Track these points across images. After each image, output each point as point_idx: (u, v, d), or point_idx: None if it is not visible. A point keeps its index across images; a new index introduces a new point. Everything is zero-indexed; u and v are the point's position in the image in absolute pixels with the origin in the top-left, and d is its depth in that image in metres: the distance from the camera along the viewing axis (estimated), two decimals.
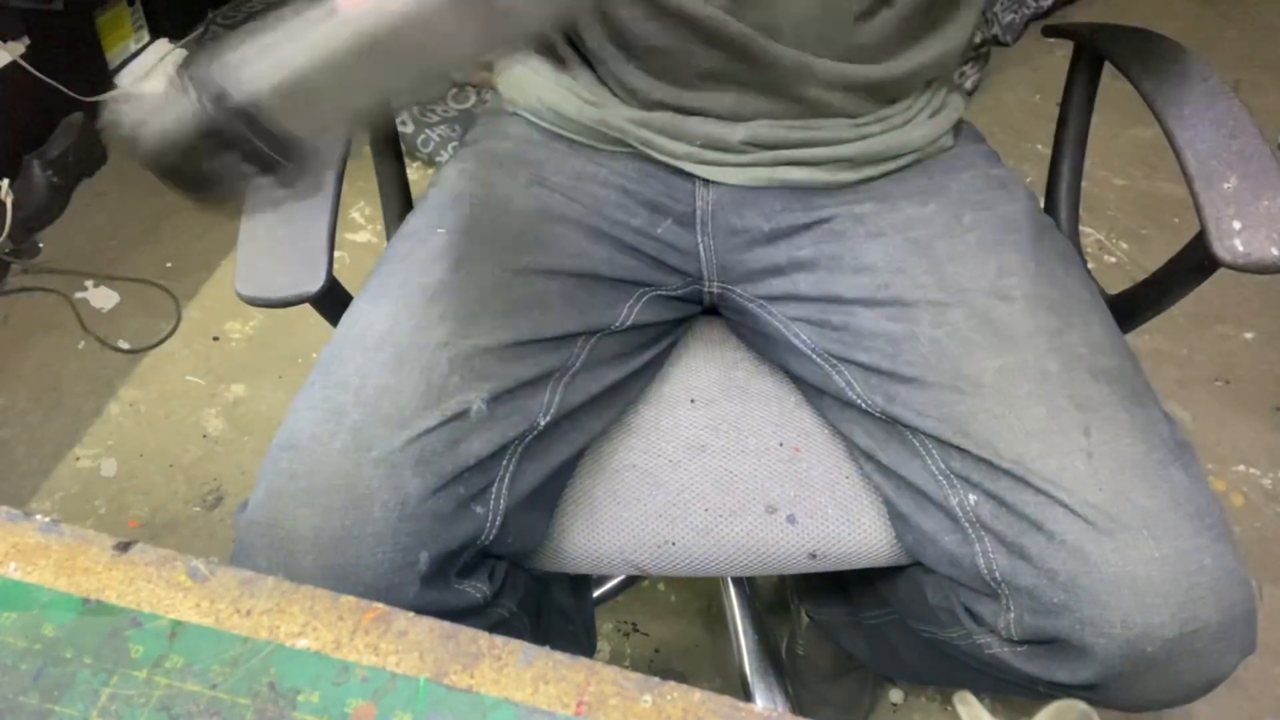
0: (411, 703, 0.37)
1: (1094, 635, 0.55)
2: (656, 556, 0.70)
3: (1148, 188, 1.83)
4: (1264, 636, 1.18)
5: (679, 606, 1.23)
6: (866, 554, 0.70)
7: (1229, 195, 0.64)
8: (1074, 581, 0.55)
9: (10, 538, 0.42)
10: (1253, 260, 0.62)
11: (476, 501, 0.60)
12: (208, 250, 1.71)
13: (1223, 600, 0.54)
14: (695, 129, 0.71)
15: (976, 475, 0.61)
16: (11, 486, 1.34)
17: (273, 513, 0.56)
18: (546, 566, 0.72)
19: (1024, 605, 0.59)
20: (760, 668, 0.98)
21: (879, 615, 0.85)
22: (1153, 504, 0.55)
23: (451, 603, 0.61)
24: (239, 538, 0.57)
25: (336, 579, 0.55)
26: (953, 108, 0.76)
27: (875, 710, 1.13)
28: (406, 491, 0.56)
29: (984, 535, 0.60)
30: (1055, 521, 0.56)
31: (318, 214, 0.65)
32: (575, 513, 0.71)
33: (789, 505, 0.70)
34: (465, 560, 0.61)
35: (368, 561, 0.55)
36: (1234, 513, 1.30)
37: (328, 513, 0.55)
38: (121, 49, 2.05)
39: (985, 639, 0.63)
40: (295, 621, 0.39)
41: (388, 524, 0.56)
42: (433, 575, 0.58)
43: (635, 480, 0.71)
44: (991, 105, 1.98)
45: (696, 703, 0.36)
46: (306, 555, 0.55)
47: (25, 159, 1.74)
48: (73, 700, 0.37)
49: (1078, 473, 0.57)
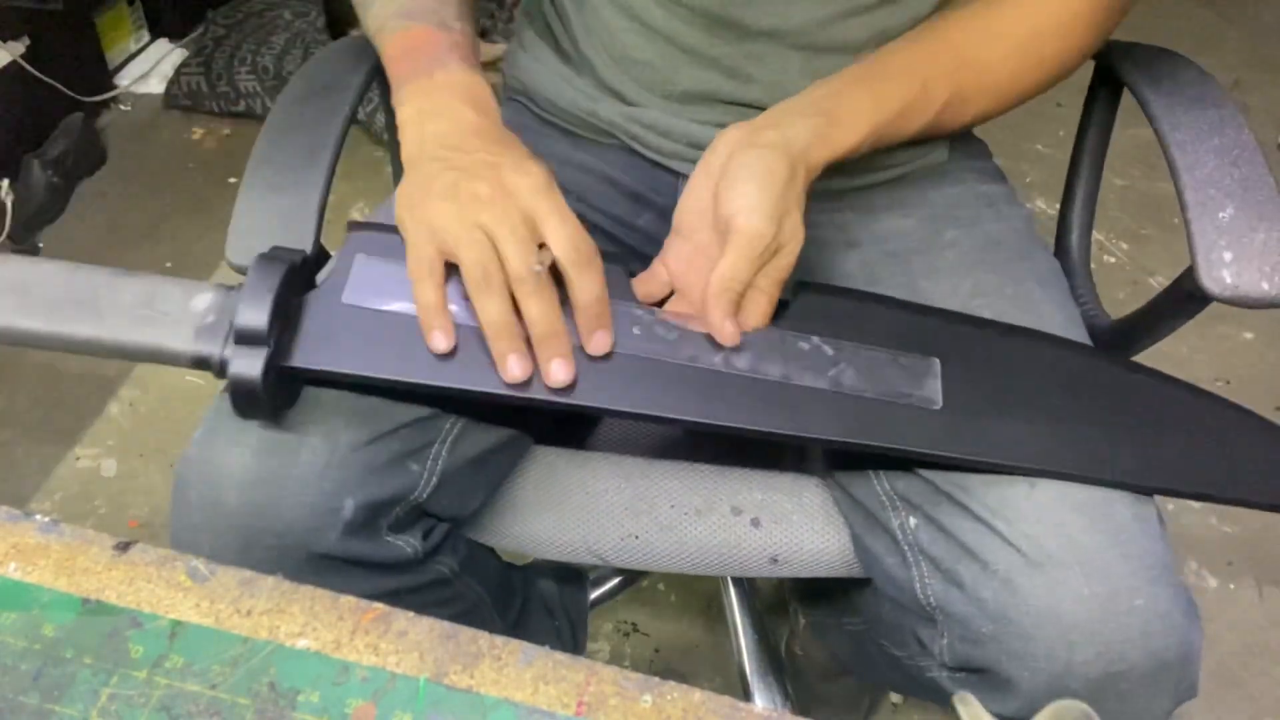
0: (411, 703, 0.37)
1: (1019, 668, 0.54)
2: (619, 549, 0.70)
3: (1147, 188, 1.83)
4: (1264, 637, 1.19)
5: (679, 606, 1.23)
6: (827, 564, 0.70)
7: (1223, 225, 0.63)
8: (1002, 613, 0.55)
9: (10, 538, 0.42)
10: (1240, 294, 0.60)
11: (413, 458, 0.60)
12: (208, 250, 1.71)
13: (1152, 643, 0.53)
14: (682, 129, 0.72)
15: (918, 498, 0.61)
16: (11, 486, 1.34)
17: (207, 451, 0.57)
18: (506, 546, 0.72)
19: (956, 633, 0.58)
20: (760, 668, 0.98)
21: (855, 623, 0.86)
22: (1089, 540, 0.54)
23: (380, 554, 0.61)
24: (176, 475, 0.58)
25: (257, 516, 0.55)
26: None
27: (875, 710, 1.13)
28: (338, 439, 0.56)
29: (921, 560, 0.60)
30: (990, 551, 0.56)
31: (310, 186, 0.66)
32: (542, 499, 0.71)
33: (755, 509, 0.70)
34: (398, 514, 0.61)
35: (290, 502, 0.55)
36: (1234, 513, 1.30)
37: (256, 453, 0.56)
38: (121, 49, 2.06)
39: (925, 661, 0.63)
40: (295, 621, 0.39)
41: (313, 468, 0.56)
42: (358, 525, 0.58)
43: (605, 471, 0.72)
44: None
45: (696, 703, 0.36)
46: (231, 491, 0.56)
47: (25, 159, 1.74)
48: (73, 700, 0.37)
49: (1018, 503, 0.56)
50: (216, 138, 1.98)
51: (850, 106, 0.61)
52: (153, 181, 1.87)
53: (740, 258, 0.55)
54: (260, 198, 0.66)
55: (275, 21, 2.07)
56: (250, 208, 0.65)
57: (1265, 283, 0.60)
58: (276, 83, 1.95)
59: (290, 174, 0.66)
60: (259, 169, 0.67)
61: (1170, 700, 0.55)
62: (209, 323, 0.53)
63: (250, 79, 1.96)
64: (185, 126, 2.01)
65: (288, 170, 0.67)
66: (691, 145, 0.72)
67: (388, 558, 0.61)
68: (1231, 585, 1.24)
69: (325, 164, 0.67)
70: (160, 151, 1.95)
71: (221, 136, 1.99)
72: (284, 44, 2.00)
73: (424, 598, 0.66)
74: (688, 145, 0.72)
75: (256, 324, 0.50)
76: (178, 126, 2.01)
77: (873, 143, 0.62)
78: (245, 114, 1.98)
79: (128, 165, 1.91)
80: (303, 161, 0.67)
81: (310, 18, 2.08)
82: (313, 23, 2.06)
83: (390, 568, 0.62)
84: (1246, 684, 1.14)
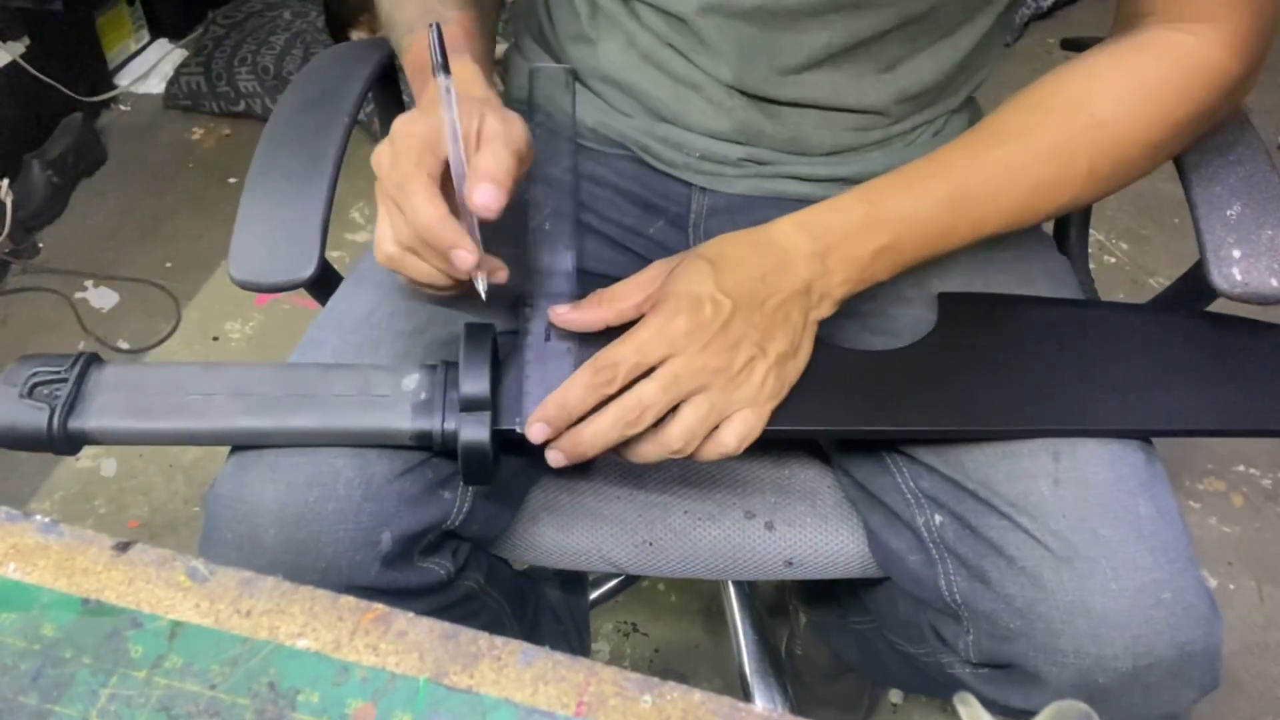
0: (411, 703, 0.37)
1: (1047, 663, 0.54)
2: (634, 555, 0.70)
3: (1148, 188, 1.83)
4: (1264, 637, 1.19)
5: (679, 606, 1.23)
6: (843, 565, 0.70)
7: (1231, 223, 0.63)
8: (1030, 608, 0.55)
9: (10, 538, 0.42)
10: (1250, 290, 0.61)
11: (445, 487, 0.60)
12: (207, 250, 1.71)
13: (1179, 636, 0.53)
14: (694, 143, 0.71)
15: (943, 495, 0.61)
16: (11, 486, 1.34)
17: (239, 486, 0.56)
18: (525, 559, 0.72)
19: (982, 629, 0.58)
20: (760, 668, 0.98)
21: (863, 621, 0.85)
22: (1115, 534, 0.55)
23: (414, 581, 0.61)
24: (207, 511, 0.57)
25: (297, 554, 0.55)
26: (955, 128, 0.75)
27: (875, 710, 1.13)
28: (372, 471, 0.56)
29: (947, 557, 0.60)
30: (1016, 547, 0.56)
31: (312, 201, 0.65)
32: (555, 507, 0.71)
33: (768, 512, 0.70)
34: (430, 540, 0.61)
35: (329, 538, 0.55)
36: (1234, 513, 1.30)
37: (292, 488, 0.55)
38: (121, 49, 2.06)
39: (948, 658, 0.63)
40: (295, 622, 0.39)
41: (351, 501, 0.55)
42: (395, 556, 0.58)
43: (617, 478, 0.72)
44: (988, 104, 1.98)
45: (696, 703, 0.36)
46: (269, 529, 0.55)
47: (25, 159, 1.74)
48: (72, 700, 0.37)
49: (1042, 498, 0.56)
50: (216, 138, 1.98)
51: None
52: (153, 181, 1.87)
53: (652, 331, 0.53)
54: (263, 213, 0.66)
55: (275, 21, 2.07)
56: (252, 223, 0.65)
57: (1275, 279, 0.61)
58: (276, 83, 1.95)
59: (292, 187, 0.66)
60: (259, 182, 0.67)
61: (1195, 691, 0.55)
62: (423, 400, 0.55)
63: (250, 79, 1.96)
64: (185, 126, 2.01)
65: (289, 183, 0.66)
66: (705, 158, 0.72)
67: (422, 583, 0.61)
68: (1231, 585, 1.24)
69: (327, 177, 0.66)
70: (160, 151, 1.95)
71: (221, 136, 1.99)
72: (284, 44, 2.00)
73: (452, 614, 0.67)
74: (701, 158, 0.72)
75: (480, 392, 0.53)
76: (178, 126, 2.01)
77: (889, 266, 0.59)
78: (245, 114, 1.98)
79: (128, 165, 1.91)
80: (304, 174, 0.67)
81: (310, 18, 2.08)
82: (313, 23, 2.06)
83: (423, 592, 0.62)
84: (1246, 684, 1.14)
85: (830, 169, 0.71)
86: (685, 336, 0.52)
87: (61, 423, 0.52)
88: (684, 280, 0.54)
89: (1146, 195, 1.81)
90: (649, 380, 0.53)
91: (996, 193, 0.58)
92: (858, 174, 0.72)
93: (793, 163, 0.71)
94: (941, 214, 0.57)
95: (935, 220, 0.57)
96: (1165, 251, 1.73)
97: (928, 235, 0.57)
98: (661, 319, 0.53)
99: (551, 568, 0.72)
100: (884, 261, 0.57)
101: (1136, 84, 0.58)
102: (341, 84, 0.73)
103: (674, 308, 0.53)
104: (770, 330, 0.54)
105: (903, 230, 0.57)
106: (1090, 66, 0.59)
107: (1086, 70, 0.59)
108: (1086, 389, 0.59)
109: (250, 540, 0.55)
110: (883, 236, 0.56)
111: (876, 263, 0.57)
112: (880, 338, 0.66)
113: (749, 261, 0.55)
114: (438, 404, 0.55)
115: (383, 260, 0.54)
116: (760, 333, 0.54)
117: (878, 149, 0.71)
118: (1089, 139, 0.57)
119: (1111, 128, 0.57)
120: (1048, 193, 0.58)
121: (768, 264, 0.55)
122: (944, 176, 0.58)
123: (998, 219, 0.58)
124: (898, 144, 0.72)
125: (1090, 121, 0.57)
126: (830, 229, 0.56)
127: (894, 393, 0.59)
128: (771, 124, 0.69)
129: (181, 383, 0.55)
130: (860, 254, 0.56)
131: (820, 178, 0.72)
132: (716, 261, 0.55)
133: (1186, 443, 1.39)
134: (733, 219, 0.74)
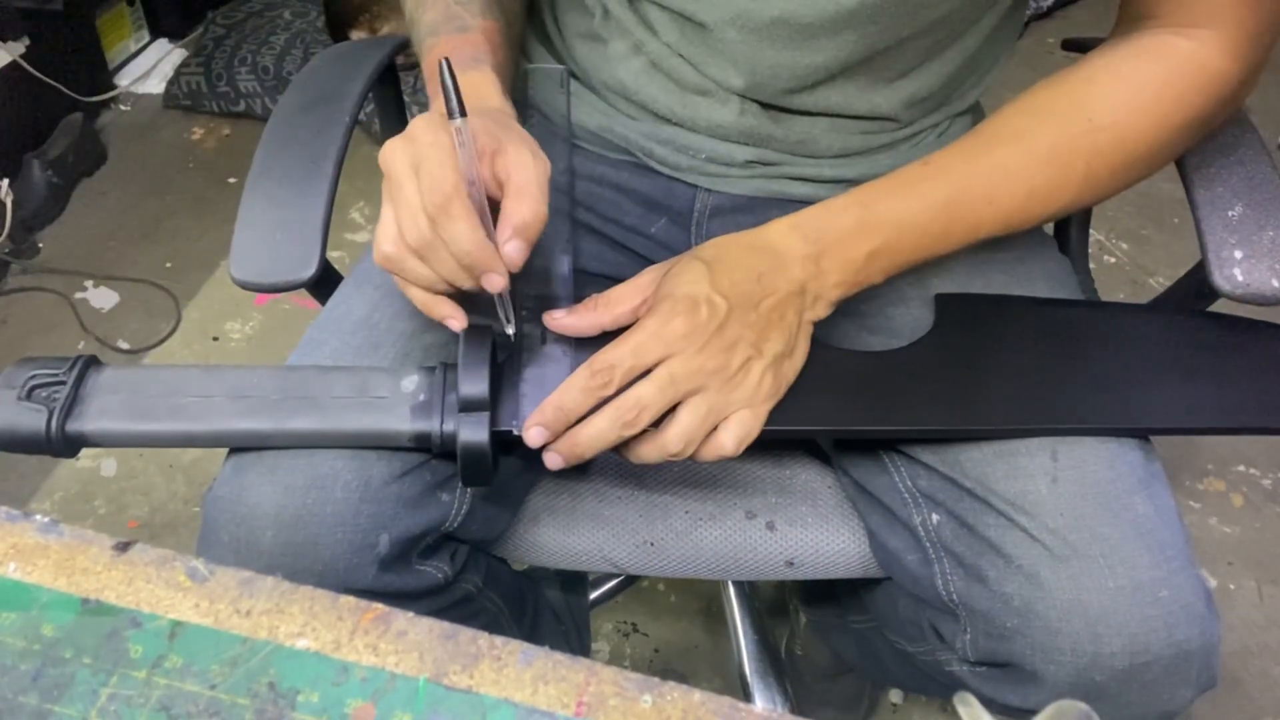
0: (411, 703, 0.37)
1: (1044, 661, 0.54)
2: (635, 556, 0.70)
3: (1148, 188, 1.82)
4: (1264, 637, 1.19)
5: (679, 607, 1.23)
6: (843, 564, 0.70)
7: (1232, 224, 0.63)
8: (1028, 607, 0.55)
9: (10, 538, 0.42)
10: (1252, 291, 0.61)
11: (443, 489, 0.60)
12: (207, 250, 1.71)
13: (1176, 634, 0.53)
14: (701, 145, 0.71)
15: (941, 494, 0.61)
16: (11, 486, 1.34)
17: (237, 489, 0.56)
18: (526, 560, 0.72)
19: (980, 628, 0.58)
20: (760, 668, 0.98)
21: (862, 621, 0.85)
22: (1113, 533, 0.55)
23: (412, 585, 0.61)
24: (205, 514, 0.57)
25: (294, 556, 0.55)
26: (959, 130, 0.75)
27: (875, 710, 1.13)
28: (371, 473, 0.56)
29: (943, 556, 0.60)
30: (1013, 545, 0.56)
31: (313, 201, 0.65)
32: (556, 508, 0.71)
33: (769, 512, 0.70)
34: (428, 543, 0.61)
35: (326, 541, 0.55)
36: (1234, 513, 1.30)
37: (290, 490, 0.55)
38: (121, 49, 2.06)
39: (946, 656, 0.63)
40: (295, 622, 0.39)
41: (349, 504, 0.55)
42: (393, 559, 0.58)
43: (618, 479, 0.72)
44: (991, 106, 1.98)
45: (696, 703, 0.36)
46: (266, 531, 0.55)
47: (25, 159, 1.74)
48: (72, 700, 0.37)
49: (1040, 497, 0.56)
50: (216, 138, 1.98)
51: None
52: (153, 181, 1.87)
53: (649, 333, 0.53)
54: (264, 213, 0.66)
55: (275, 21, 2.07)
56: (253, 224, 0.65)
57: (1276, 280, 0.61)
58: (276, 83, 1.95)
59: (292, 187, 0.66)
60: (260, 182, 0.67)
61: (1192, 690, 0.55)
62: (421, 401, 0.55)
63: (250, 79, 1.96)
64: (185, 126, 2.01)
65: (289, 184, 0.66)
66: (711, 160, 0.71)
67: (420, 586, 0.61)
68: (1231, 585, 1.24)
69: (328, 177, 0.66)
70: (160, 151, 1.95)
71: (221, 136, 1.99)
72: (284, 44, 1.99)
73: (450, 617, 0.66)
74: (707, 160, 0.71)
75: (479, 393, 0.53)
76: (178, 126, 2.01)
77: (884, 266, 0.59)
78: (245, 114, 1.98)
79: (128, 165, 1.91)
80: (304, 175, 0.66)
81: (310, 18, 2.08)
82: (313, 23, 2.06)
83: (421, 595, 0.62)
84: (1246, 684, 1.14)
85: (836, 170, 0.71)
86: (682, 338, 0.52)
87: (60, 425, 0.52)
88: (680, 282, 0.54)
89: (1147, 195, 1.81)
90: (646, 381, 0.53)
91: (993, 196, 0.58)
92: (863, 175, 0.71)
93: (799, 164, 0.71)
94: (937, 216, 0.57)
95: (930, 223, 0.57)
96: (1165, 251, 1.73)
97: (922, 238, 0.58)
98: (658, 320, 0.53)
99: (552, 568, 0.72)
100: (878, 264, 0.57)
101: (1135, 89, 0.58)
102: (342, 84, 0.73)
103: (670, 309, 0.53)
104: (766, 331, 0.54)
105: (897, 233, 0.57)
106: (1089, 71, 0.59)
107: (1085, 74, 0.59)
108: (1085, 387, 0.59)
109: (248, 543, 0.55)
110: (876, 239, 0.56)
111: (870, 265, 0.57)
112: (879, 338, 0.66)
113: (744, 263, 0.55)
114: (436, 405, 0.55)
115: (380, 260, 0.54)
116: (756, 333, 0.54)
117: (885, 151, 0.71)
118: (1087, 143, 0.57)
119: (1110, 132, 0.57)
120: (1045, 196, 0.58)
121: (763, 265, 0.55)
122: (940, 179, 0.58)
123: (994, 222, 0.58)
124: (904, 146, 0.72)
125: (1088, 126, 0.57)
126: (824, 231, 0.56)
127: (892, 392, 0.59)
128: (781, 129, 0.68)
129: (180, 385, 0.55)
130: (854, 256, 0.56)
131: (826, 179, 0.71)
132: (712, 263, 0.55)
133: (1186, 442, 1.39)
134: (736, 219, 0.74)
